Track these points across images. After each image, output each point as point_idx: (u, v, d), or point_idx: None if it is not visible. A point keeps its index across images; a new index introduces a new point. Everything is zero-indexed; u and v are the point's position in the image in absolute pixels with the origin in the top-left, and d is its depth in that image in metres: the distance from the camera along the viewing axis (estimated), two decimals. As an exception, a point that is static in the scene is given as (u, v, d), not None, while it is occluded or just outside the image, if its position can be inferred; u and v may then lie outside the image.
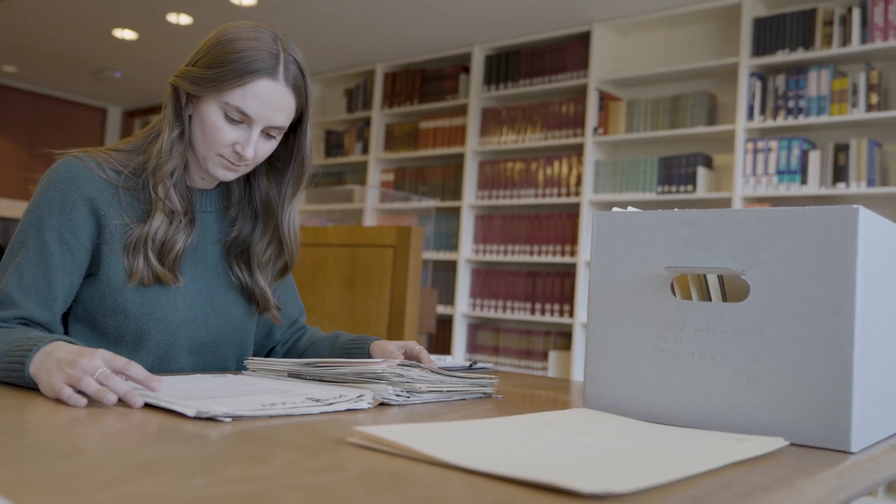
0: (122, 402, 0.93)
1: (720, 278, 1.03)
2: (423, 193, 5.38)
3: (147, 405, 0.93)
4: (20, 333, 1.10)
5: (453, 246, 5.16)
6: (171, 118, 1.32)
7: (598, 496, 0.62)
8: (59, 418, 0.87)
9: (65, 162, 1.28)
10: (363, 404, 1.02)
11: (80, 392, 0.93)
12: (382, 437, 0.75)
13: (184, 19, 5.24)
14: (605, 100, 4.63)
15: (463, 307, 5.06)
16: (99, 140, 7.85)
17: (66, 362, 0.96)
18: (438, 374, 1.17)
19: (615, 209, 1.10)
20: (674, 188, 4.31)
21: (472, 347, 5.05)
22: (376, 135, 5.71)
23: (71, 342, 1.05)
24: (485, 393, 1.23)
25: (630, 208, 1.10)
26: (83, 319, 1.29)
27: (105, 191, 1.27)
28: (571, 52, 4.80)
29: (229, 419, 0.86)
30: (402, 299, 2.77)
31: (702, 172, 4.25)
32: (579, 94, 4.77)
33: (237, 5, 4.89)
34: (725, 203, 4.17)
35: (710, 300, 1.02)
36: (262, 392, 1.06)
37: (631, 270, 1.06)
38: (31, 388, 1.01)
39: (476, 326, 5.08)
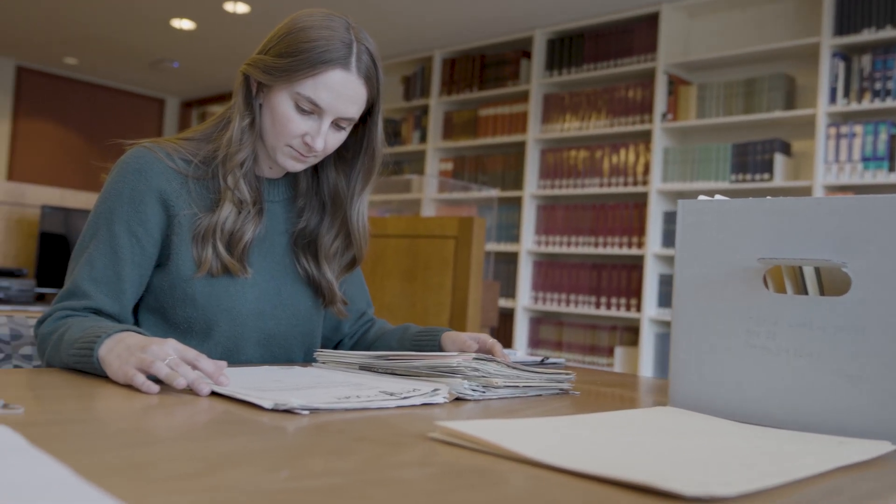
0: (191, 391, 0.94)
1: (817, 271, 0.99)
2: (482, 183, 5.25)
3: (219, 395, 0.94)
4: (92, 322, 1.13)
5: (514, 237, 5.02)
6: (241, 107, 1.30)
7: (700, 499, 0.59)
8: (133, 406, 0.88)
9: (134, 153, 1.28)
10: (438, 398, 1.00)
11: (152, 379, 0.95)
12: (466, 432, 0.74)
13: (241, 8, 5.21)
14: (674, 84, 4.43)
15: (525, 300, 4.92)
16: (157, 130, 7.94)
17: (138, 347, 0.98)
18: (515, 368, 1.14)
19: (701, 197, 1.05)
20: (748, 176, 4.10)
21: (535, 342, 4.91)
22: (434, 123, 5.60)
23: (141, 332, 1.07)
24: (561, 389, 1.20)
25: (718, 196, 1.06)
26: (154, 309, 1.30)
27: (174, 181, 1.27)
28: (638, 34, 4.61)
29: (306, 412, 0.86)
30: (464, 292, 2.68)
31: (779, 160, 4.02)
32: (647, 79, 4.58)
33: (294, -8, 4.82)
34: (805, 192, 3.95)
35: (807, 294, 0.98)
36: (334, 385, 1.05)
37: (719, 262, 1.02)
38: (97, 374, 1.04)
39: (538, 320, 4.93)
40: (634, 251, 4.47)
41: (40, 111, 7.32)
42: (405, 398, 0.96)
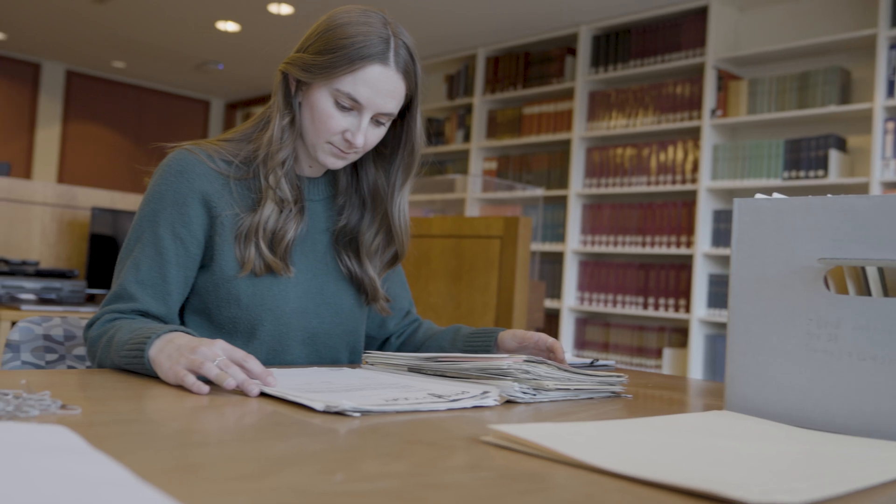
0: (240, 392, 0.95)
1: (881, 271, 0.96)
2: (527, 182, 5.20)
3: (268, 396, 0.94)
4: (140, 324, 1.14)
5: (560, 237, 4.97)
6: (281, 105, 1.30)
7: None
8: (184, 406, 0.88)
9: (176, 155, 1.29)
10: (489, 401, 0.99)
11: (201, 379, 0.96)
12: (520, 436, 0.73)
13: (285, 9, 5.23)
14: (723, 79, 4.34)
15: (570, 301, 4.86)
16: (202, 132, 8.03)
17: (188, 348, 0.99)
18: (566, 370, 1.13)
19: (758, 195, 1.03)
20: (802, 173, 3.99)
21: (581, 343, 4.85)
22: (478, 122, 5.56)
23: (190, 333, 1.08)
24: (613, 392, 1.18)
25: (775, 194, 1.03)
26: (199, 311, 1.30)
27: (216, 182, 1.28)
28: (686, 28, 4.53)
29: (358, 414, 0.86)
30: (509, 292, 2.65)
31: (834, 156, 3.91)
32: (695, 74, 4.50)
33: (338, -8, 4.83)
34: (861, 189, 3.83)
35: (870, 295, 0.95)
36: (382, 387, 1.04)
37: (778, 262, 0.99)
38: (147, 374, 1.05)
39: (584, 321, 4.87)
40: (683, 251, 4.38)
41: (89, 114, 7.45)
42: (454, 401, 0.96)
